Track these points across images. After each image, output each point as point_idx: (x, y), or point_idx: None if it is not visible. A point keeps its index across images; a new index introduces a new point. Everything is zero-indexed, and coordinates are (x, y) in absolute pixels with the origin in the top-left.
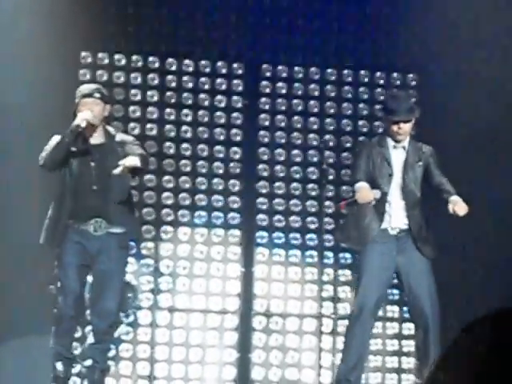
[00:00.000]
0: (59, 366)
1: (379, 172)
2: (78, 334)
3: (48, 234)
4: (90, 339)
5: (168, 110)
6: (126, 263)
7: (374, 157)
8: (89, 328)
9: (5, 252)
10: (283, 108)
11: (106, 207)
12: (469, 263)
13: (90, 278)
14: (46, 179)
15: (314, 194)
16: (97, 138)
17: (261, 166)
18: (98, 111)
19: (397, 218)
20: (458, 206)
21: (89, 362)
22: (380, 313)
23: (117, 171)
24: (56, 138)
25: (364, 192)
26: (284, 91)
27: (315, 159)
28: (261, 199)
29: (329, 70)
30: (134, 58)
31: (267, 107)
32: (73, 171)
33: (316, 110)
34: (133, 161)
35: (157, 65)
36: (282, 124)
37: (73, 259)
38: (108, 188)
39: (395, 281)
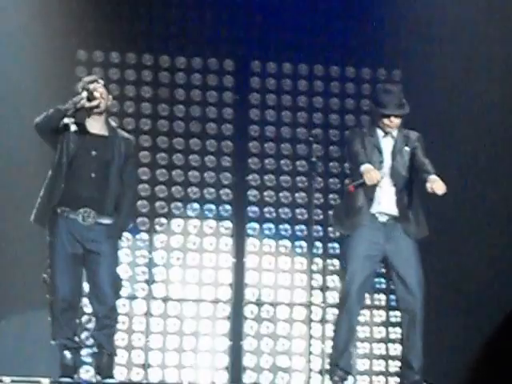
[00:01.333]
0: (67, 355)
1: (370, 159)
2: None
3: (38, 213)
4: (93, 325)
5: (161, 106)
6: (117, 248)
7: (366, 145)
8: (90, 315)
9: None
10: (273, 103)
11: (100, 197)
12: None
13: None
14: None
15: (303, 186)
16: (100, 129)
17: (251, 160)
18: (103, 92)
19: (386, 203)
20: (435, 184)
21: (95, 348)
22: (367, 301)
23: None
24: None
25: (372, 173)
26: (273, 87)
27: (304, 152)
28: (251, 191)
29: (317, 66)
30: (129, 55)
31: (257, 102)
32: (71, 156)
33: (304, 104)
34: None
35: (150, 62)
36: (272, 118)
37: (64, 248)
38: (105, 178)
39: (383, 270)
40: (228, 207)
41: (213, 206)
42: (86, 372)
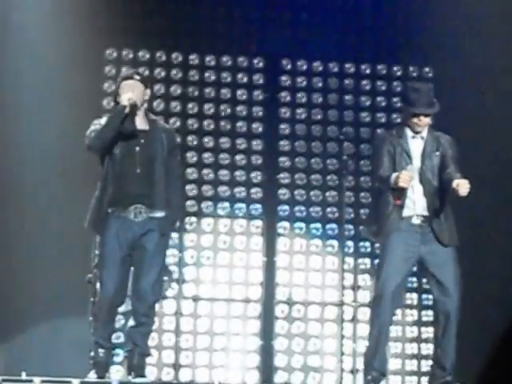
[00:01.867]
0: (100, 353)
1: (399, 163)
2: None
3: (91, 218)
4: (131, 322)
5: (191, 104)
6: (166, 247)
7: (394, 148)
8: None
9: (47, 238)
10: (303, 101)
11: (148, 191)
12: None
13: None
14: (86, 164)
15: (333, 184)
16: (141, 124)
17: (282, 158)
18: (137, 93)
19: (420, 205)
20: (461, 184)
21: (129, 346)
22: None
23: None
24: (102, 120)
25: (404, 175)
26: (304, 84)
27: (335, 150)
28: (282, 190)
29: (347, 64)
30: (158, 53)
31: (287, 100)
32: (116, 156)
33: (335, 102)
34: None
35: (179, 60)
36: (302, 116)
37: (114, 250)
38: (151, 172)
39: (414, 269)
40: (258, 206)
41: (243, 205)
42: (117, 372)
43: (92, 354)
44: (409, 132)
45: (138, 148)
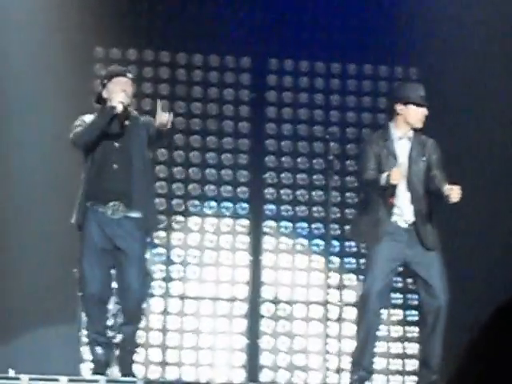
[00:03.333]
0: (98, 350)
1: (385, 165)
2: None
3: (75, 213)
4: (120, 320)
5: (178, 103)
6: (146, 244)
7: (380, 151)
8: (118, 309)
9: (34, 235)
10: (289, 101)
11: (126, 189)
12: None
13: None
14: (76, 162)
15: (319, 184)
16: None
17: (268, 158)
18: (130, 92)
19: (406, 210)
20: (454, 190)
21: (119, 342)
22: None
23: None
24: (88, 118)
25: (394, 173)
26: (290, 84)
27: (321, 150)
28: (268, 189)
29: (334, 64)
30: (146, 52)
31: (274, 100)
32: (96, 151)
33: (321, 102)
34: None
35: (167, 59)
36: (289, 116)
37: (94, 242)
38: (129, 169)
39: (399, 269)
40: (245, 205)
41: (230, 204)
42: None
43: (89, 351)
44: (395, 133)
45: (117, 144)
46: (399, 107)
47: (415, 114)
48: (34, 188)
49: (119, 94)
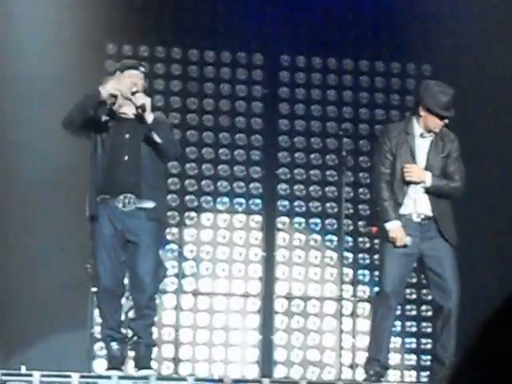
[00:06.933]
0: (113, 346)
1: (400, 159)
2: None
3: (88, 208)
4: (132, 314)
5: (191, 100)
6: (158, 235)
7: (398, 144)
8: (131, 304)
9: (45, 233)
10: (302, 97)
11: (136, 180)
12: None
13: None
14: (80, 155)
15: (332, 180)
16: (132, 112)
17: (281, 154)
18: (141, 85)
19: (421, 204)
20: (408, 168)
21: (134, 338)
22: None
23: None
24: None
25: (400, 235)
26: (303, 81)
27: (334, 146)
28: (281, 185)
29: (346, 61)
30: (158, 49)
31: (287, 96)
32: (106, 143)
33: (334, 98)
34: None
35: (179, 56)
36: (301, 112)
37: (105, 237)
38: (138, 160)
39: (414, 264)
40: (258, 201)
41: (243, 200)
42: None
43: (104, 347)
44: (417, 129)
45: (127, 135)
46: (421, 110)
47: (435, 124)
48: (43, 188)
49: (110, 84)
